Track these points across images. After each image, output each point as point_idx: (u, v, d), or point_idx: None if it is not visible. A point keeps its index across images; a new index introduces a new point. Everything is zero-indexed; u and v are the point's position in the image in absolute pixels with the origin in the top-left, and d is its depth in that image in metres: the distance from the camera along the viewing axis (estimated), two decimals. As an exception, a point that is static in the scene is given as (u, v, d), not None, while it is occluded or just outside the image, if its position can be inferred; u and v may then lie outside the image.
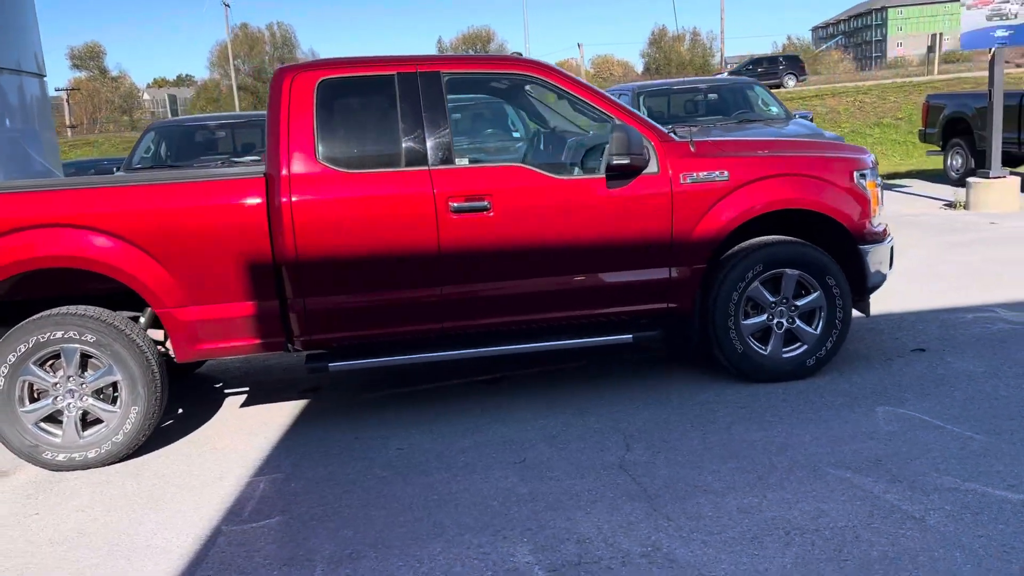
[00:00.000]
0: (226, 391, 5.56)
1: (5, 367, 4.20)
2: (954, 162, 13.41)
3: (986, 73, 12.07)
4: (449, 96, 4.52)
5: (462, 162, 4.55)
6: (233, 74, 58.17)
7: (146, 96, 78.61)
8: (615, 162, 4.37)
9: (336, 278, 4.38)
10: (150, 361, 4.33)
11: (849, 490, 3.49)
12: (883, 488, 3.48)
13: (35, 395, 4.31)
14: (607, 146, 4.51)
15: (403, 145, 4.43)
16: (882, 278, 4.96)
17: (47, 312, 4.26)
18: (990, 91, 11.14)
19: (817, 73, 47.89)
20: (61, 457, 4.29)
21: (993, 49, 10.98)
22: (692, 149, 4.65)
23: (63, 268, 4.21)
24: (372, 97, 4.57)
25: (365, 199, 4.35)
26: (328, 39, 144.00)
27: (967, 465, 3.65)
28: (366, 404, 5.03)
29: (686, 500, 3.52)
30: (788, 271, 4.75)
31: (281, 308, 4.40)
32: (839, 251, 4.86)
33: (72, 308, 4.31)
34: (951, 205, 11.20)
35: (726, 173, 4.63)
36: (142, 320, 4.54)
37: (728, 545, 3.13)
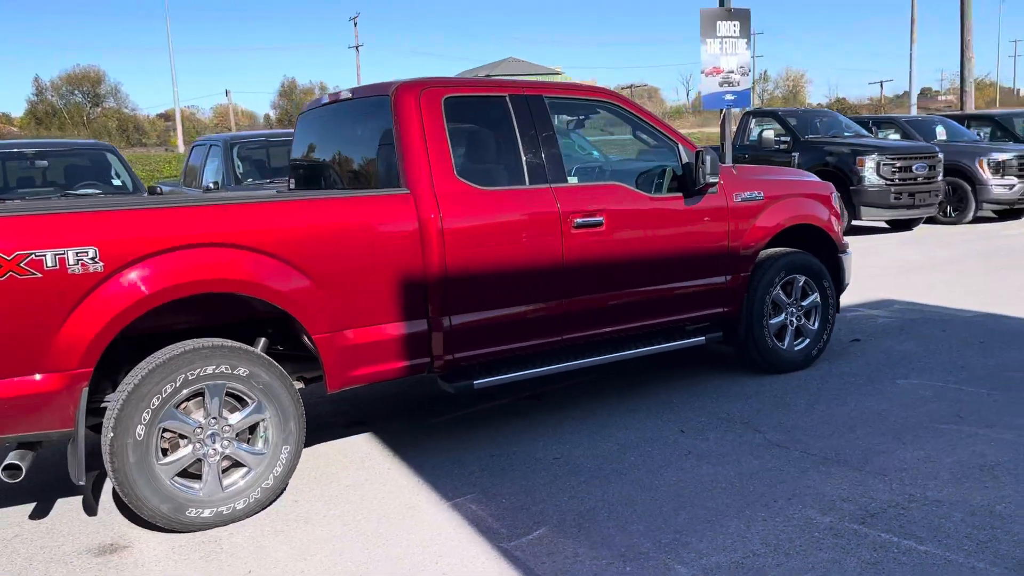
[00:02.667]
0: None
1: (147, 413, 3.54)
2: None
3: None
4: None
5: (572, 180, 4.77)
6: None
7: None
8: (710, 180, 4.91)
9: (480, 295, 4.34)
10: (298, 395, 3.93)
11: (975, 436, 4.38)
12: (997, 432, 4.42)
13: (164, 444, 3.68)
14: (670, 167, 5.06)
15: (524, 163, 4.55)
16: (848, 282, 6.06)
17: (188, 345, 3.67)
18: (721, 143, 13.38)
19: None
20: (207, 513, 3.69)
21: (723, 110, 13.26)
22: (735, 172, 5.36)
23: (215, 294, 3.69)
24: (490, 117, 4.61)
25: (503, 215, 4.40)
26: None
27: (1016, 408, 4.75)
28: (442, 427, 4.92)
29: (873, 460, 4.14)
30: (798, 277, 5.63)
31: (428, 328, 4.25)
32: (823, 259, 5.86)
33: (212, 340, 3.76)
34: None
35: (761, 193, 5.40)
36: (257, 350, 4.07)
37: (954, 484, 3.81)
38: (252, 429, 3.87)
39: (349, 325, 4.01)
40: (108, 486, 4.24)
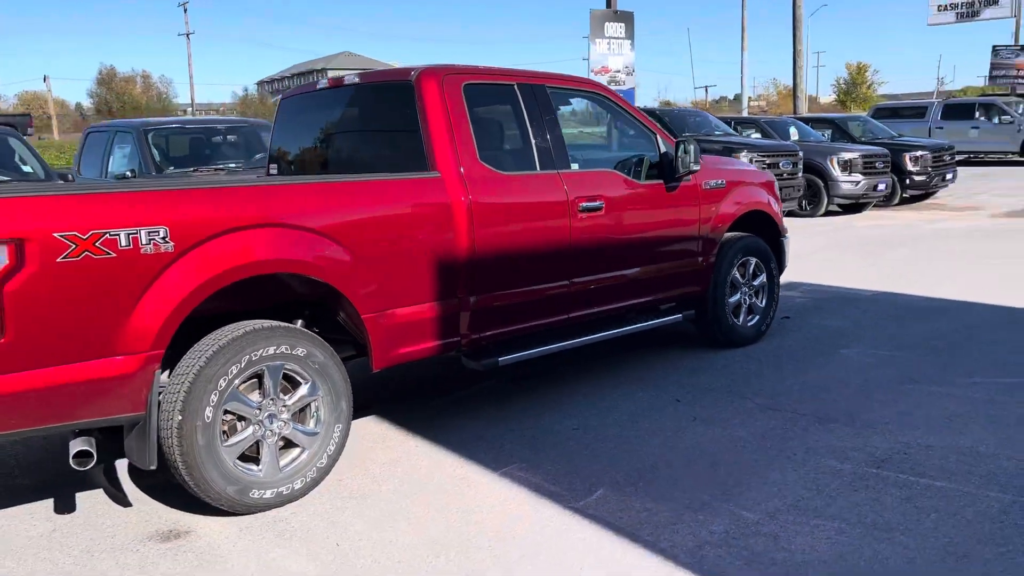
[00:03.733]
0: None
1: (215, 395, 3.50)
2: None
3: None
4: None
5: (574, 167, 5.01)
6: None
7: None
8: (693, 168, 5.30)
9: (503, 275, 4.52)
10: (347, 374, 3.98)
11: (932, 394, 4.98)
12: (947, 389, 5.05)
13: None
14: (647, 156, 5.42)
15: (535, 149, 4.76)
16: (787, 264, 6.64)
17: (248, 326, 3.65)
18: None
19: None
20: (268, 494, 3.69)
21: (611, 106, 13.88)
22: (702, 161, 5.78)
23: (272, 275, 3.69)
24: (503, 104, 4.79)
25: (521, 199, 4.60)
26: None
27: (955, 369, 5.43)
28: (446, 408, 5.05)
29: (858, 417, 4.64)
30: (751, 259, 6.14)
31: (458, 306, 4.38)
32: (767, 242, 6.41)
33: (269, 321, 3.75)
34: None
35: (723, 181, 5.85)
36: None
37: (935, 432, 4.37)
38: (302, 410, 3.88)
39: (393, 305, 4.09)
40: (125, 476, 4.11)
